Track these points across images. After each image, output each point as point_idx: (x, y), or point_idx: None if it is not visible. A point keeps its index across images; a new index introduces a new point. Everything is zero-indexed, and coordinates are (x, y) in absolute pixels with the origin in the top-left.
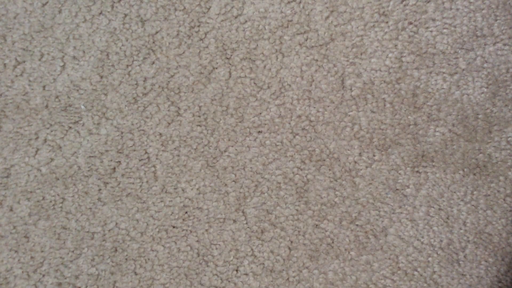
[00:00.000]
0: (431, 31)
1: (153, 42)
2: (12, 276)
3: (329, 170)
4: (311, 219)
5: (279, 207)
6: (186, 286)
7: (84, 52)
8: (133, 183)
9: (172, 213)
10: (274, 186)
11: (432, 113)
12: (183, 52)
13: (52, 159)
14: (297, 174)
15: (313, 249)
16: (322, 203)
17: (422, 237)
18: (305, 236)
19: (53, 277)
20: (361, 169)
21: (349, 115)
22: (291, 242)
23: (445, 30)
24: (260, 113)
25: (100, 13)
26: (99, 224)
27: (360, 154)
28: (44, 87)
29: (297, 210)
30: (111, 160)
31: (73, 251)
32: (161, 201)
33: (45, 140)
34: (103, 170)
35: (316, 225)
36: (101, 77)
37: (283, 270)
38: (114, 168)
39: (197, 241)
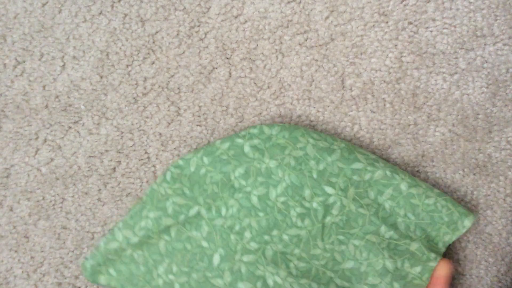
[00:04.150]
0: (431, 31)
1: (153, 42)
2: (12, 276)
3: None
4: None
5: None
6: None
7: (84, 52)
8: (133, 183)
9: None
10: None
11: (432, 113)
12: (183, 52)
13: (52, 159)
14: None
15: None
16: None
17: None
18: None
19: (53, 277)
20: None
21: (349, 115)
22: None
23: (445, 30)
24: (260, 113)
25: (100, 13)
26: (99, 224)
27: None
28: (44, 87)
29: None
30: (111, 160)
31: (73, 251)
32: None
33: (45, 140)
34: (103, 170)
35: None
36: (101, 77)
37: None
38: (114, 168)
39: None
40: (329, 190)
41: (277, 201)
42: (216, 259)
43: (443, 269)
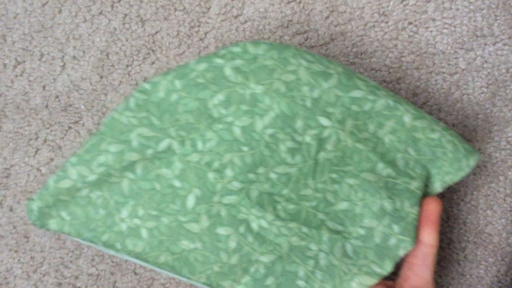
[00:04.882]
0: (431, 31)
1: (153, 42)
2: (12, 276)
3: None
4: None
5: None
6: (186, 286)
7: (84, 52)
8: None
9: None
10: None
11: (432, 113)
12: (183, 52)
13: (52, 159)
14: None
15: None
16: None
17: None
18: None
19: (53, 277)
20: None
21: None
22: None
23: (445, 30)
24: None
25: (100, 13)
26: None
27: None
28: (44, 87)
29: None
30: None
31: (73, 251)
32: None
33: (45, 140)
34: None
35: None
36: (101, 77)
37: None
38: None
39: None
40: (324, 121)
41: (264, 134)
42: (190, 200)
43: (433, 206)
